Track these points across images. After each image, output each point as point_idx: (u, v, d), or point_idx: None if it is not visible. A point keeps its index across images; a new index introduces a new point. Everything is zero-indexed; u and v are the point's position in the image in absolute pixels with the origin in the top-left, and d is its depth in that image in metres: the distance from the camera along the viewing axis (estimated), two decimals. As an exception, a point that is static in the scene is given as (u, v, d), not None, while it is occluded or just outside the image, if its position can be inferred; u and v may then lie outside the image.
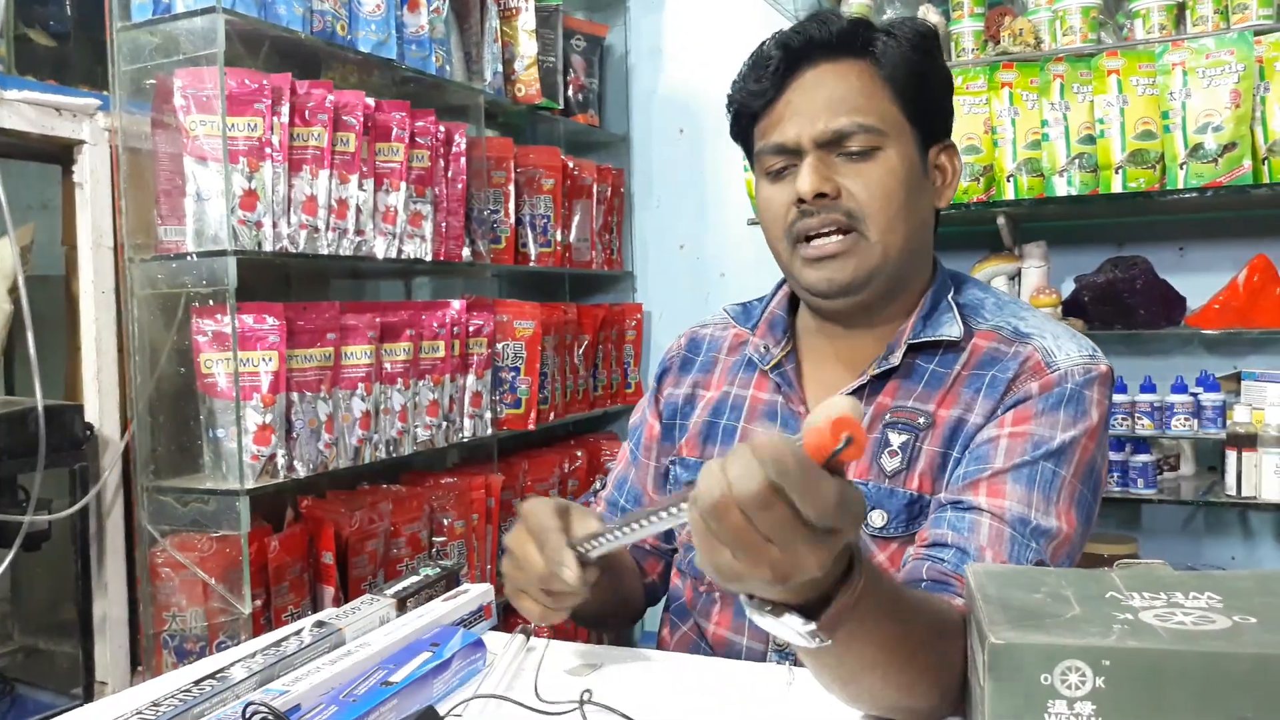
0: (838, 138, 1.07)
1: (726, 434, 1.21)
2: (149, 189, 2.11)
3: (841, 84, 1.09)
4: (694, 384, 1.29)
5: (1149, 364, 2.90)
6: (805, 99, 1.09)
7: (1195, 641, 0.67)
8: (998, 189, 2.75)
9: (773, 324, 1.23)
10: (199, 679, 0.92)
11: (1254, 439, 2.48)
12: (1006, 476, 1.02)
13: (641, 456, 1.34)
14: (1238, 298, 2.66)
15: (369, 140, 2.31)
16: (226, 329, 2.02)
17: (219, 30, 2.00)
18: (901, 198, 1.09)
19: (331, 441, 2.19)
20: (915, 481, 1.08)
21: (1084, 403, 1.06)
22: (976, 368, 1.10)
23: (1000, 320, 1.14)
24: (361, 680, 0.91)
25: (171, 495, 2.07)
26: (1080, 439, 1.04)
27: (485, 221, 2.79)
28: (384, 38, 2.39)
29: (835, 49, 1.10)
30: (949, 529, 1.00)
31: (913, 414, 1.10)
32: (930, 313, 1.14)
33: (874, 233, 1.08)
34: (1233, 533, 2.90)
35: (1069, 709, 0.68)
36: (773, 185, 1.13)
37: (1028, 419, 1.05)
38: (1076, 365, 1.07)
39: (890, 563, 1.08)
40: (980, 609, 0.74)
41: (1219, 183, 2.47)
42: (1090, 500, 1.06)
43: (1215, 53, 2.45)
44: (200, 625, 1.99)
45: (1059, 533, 1.00)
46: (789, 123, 1.09)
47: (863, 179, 1.08)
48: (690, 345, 1.34)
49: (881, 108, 1.09)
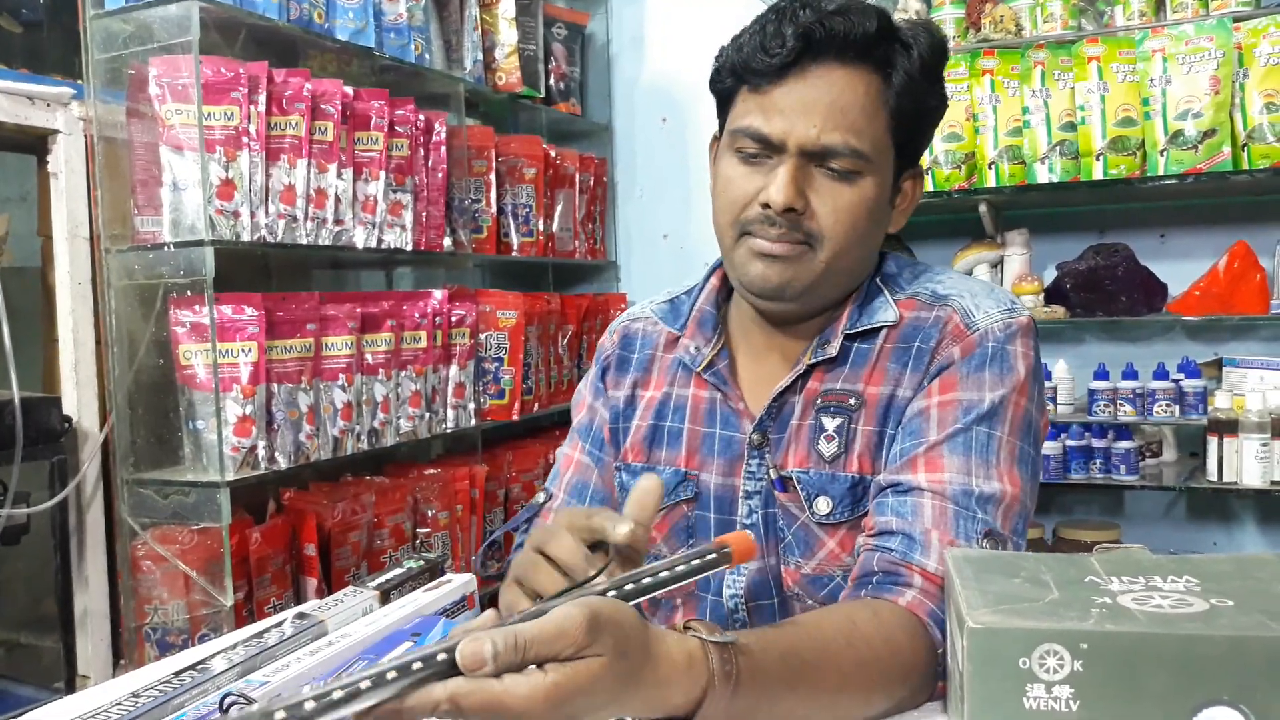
0: (825, 153, 1.03)
1: (672, 436, 1.18)
2: (125, 179, 2.09)
3: (846, 94, 1.02)
4: (633, 384, 1.23)
5: (1131, 350, 2.92)
6: (805, 98, 1.03)
7: (1172, 624, 0.68)
8: (979, 176, 2.75)
9: (701, 322, 1.19)
10: (179, 670, 0.92)
11: (1235, 425, 2.49)
12: (942, 448, 1.01)
13: (605, 457, 1.25)
14: (1218, 284, 2.68)
15: (347, 129, 2.30)
16: (205, 320, 2.00)
17: (193, 18, 1.98)
18: (863, 228, 1.06)
19: (313, 433, 2.18)
20: (855, 464, 1.07)
21: (1008, 358, 1.04)
22: (900, 340, 1.09)
23: (918, 287, 1.12)
24: (342, 670, 0.90)
25: (152, 488, 2.06)
26: (1010, 395, 1.03)
27: (466, 211, 2.78)
28: (362, 25, 2.38)
29: (853, 53, 1.03)
30: (893, 515, 0.99)
31: (843, 395, 1.08)
32: (865, 301, 1.12)
33: (824, 254, 1.05)
34: (1215, 518, 2.92)
35: (1047, 692, 0.68)
36: (740, 166, 1.07)
37: (954, 385, 1.04)
38: (996, 323, 1.06)
39: (841, 548, 1.07)
40: (959, 593, 0.74)
41: (1199, 169, 2.48)
42: (1032, 454, 1.05)
43: (1195, 39, 2.46)
44: (182, 618, 1.99)
45: (1004, 495, 0.99)
46: (781, 116, 1.03)
47: (833, 203, 1.04)
48: (624, 343, 1.27)
49: (875, 134, 1.04)
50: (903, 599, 0.93)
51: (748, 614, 1.12)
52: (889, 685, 0.88)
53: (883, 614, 0.91)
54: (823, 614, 0.91)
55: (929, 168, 2.78)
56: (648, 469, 1.18)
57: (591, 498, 1.22)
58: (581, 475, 1.24)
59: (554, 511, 1.21)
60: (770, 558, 1.10)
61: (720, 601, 1.13)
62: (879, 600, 0.94)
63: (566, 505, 1.21)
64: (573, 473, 1.25)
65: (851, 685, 0.85)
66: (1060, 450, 2.73)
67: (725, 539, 0.78)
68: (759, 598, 1.11)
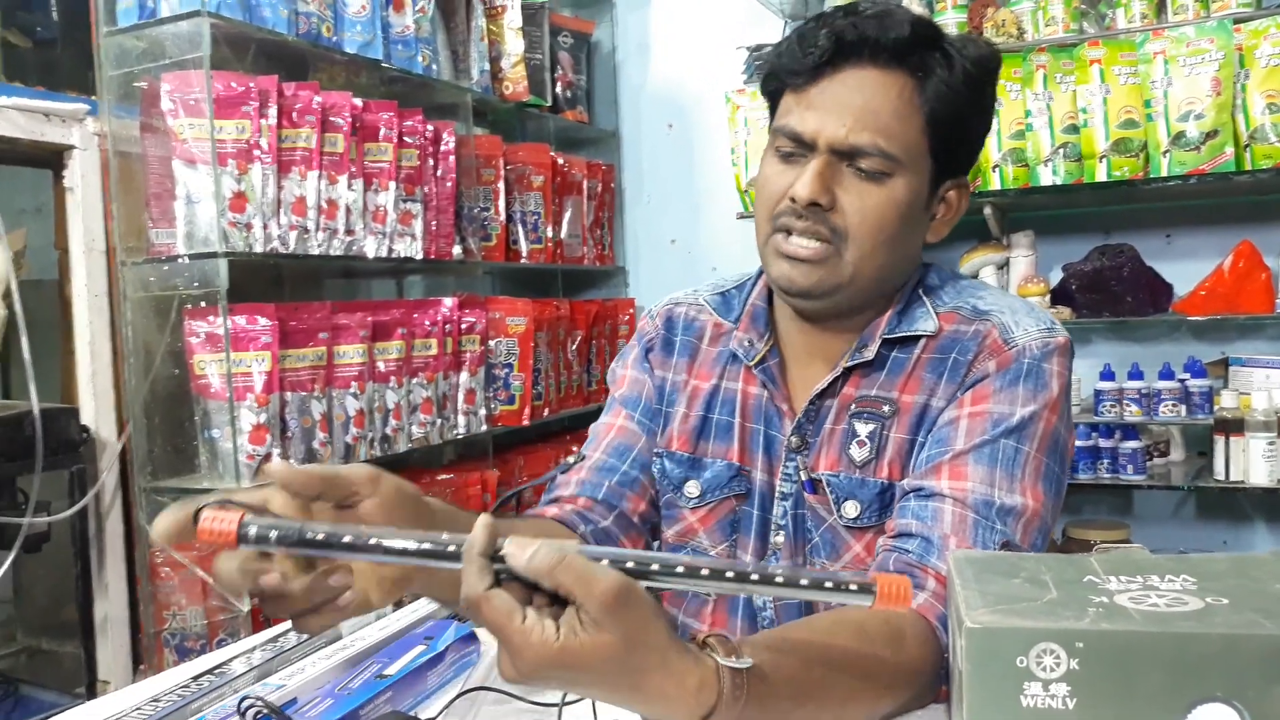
0: (853, 152, 1.04)
1: (721, 429, 1.18)
2: (139, 192, 2.12)
3: (878, 96, 1.04)
4: (678, 370, 1.23)
5: (1137, 351, 2.92)
6: (837, 97, 1.04)
7: (1167, 623, 0.69)
8: (984, 179, 2.76)
9: (754, 317, 1.20)
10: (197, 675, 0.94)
11: (1241, 424, 2.50)
12: (968, 458, 1.02)
13: (654, 427, 1.22)
14: (1224, 284, 2.68)
15: (357, 140, 2.32)
16: (219, 330, 2.03)
17: (204, 34, 2.01)
18: (892, 230, 1.06)
19: (326, 440, 2.21)
20: (885, 470, 1.08)
21: (1043, 376, 1.05)
22: (938, 351, 1.10)
23: (959, 301, 1.13)
24: (357, 674, 0.92)
25: (169, 495, 2.08)
26: (1041, 412, 1.04)
27: (475, 219, 2.81)
28: (370, 38, 2.40)
29: (886, 55, 1.04)
30: (913, 518, 1.01)
31: (877, 402, 1.09)
32: (905, 307, 1.13)
33: (850, 254, 1.06)
34: (1223, 517, 2.92)
35: (1044, 690, 0.69)
36: (778, 164, 1.09)
37: (986, 397, 1.05)
38: (1034, 340, 1.07)
39: (866, 552, 1.08)
40: (959, 594, 0.76)
41: (1202, 170, 2.49)
42: (1057, 472, 1.06)
43: (1195, 41, 2.47)
44: (200, 623, 2.01)
45: (1025, 509, 1.00)
46: (813, 115, 1.05)
47: (861, 201, 1.05)
48: (668, 325, 1.27)
49: (908, 136, 1.05)
50: (915, 602, 0.94)
51: (775, 612, 1.14)
52: (894, 690, 0.89)
53: (893, 619, 0.92)
54: (836, 623, 0.92)
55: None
56: (694, 459, 1.18)
57: (634, 462, 1.20)
58: (626, 439, 1.22)
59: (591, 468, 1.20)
60: (798, 558, 1.12)
61: (750, 597, 1.14)
62: None
63: (606, 465, 1.20)
64: (615, 435, 1.23)
65: (858, 696, 0.86)
66: (1068, 451, 2.73)
67: (879, 579, 0.70)
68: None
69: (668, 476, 1.20)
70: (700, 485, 1.17)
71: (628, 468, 1.20)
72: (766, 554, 1.14)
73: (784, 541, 1.13)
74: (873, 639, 0.89)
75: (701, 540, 1.18)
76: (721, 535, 1.17)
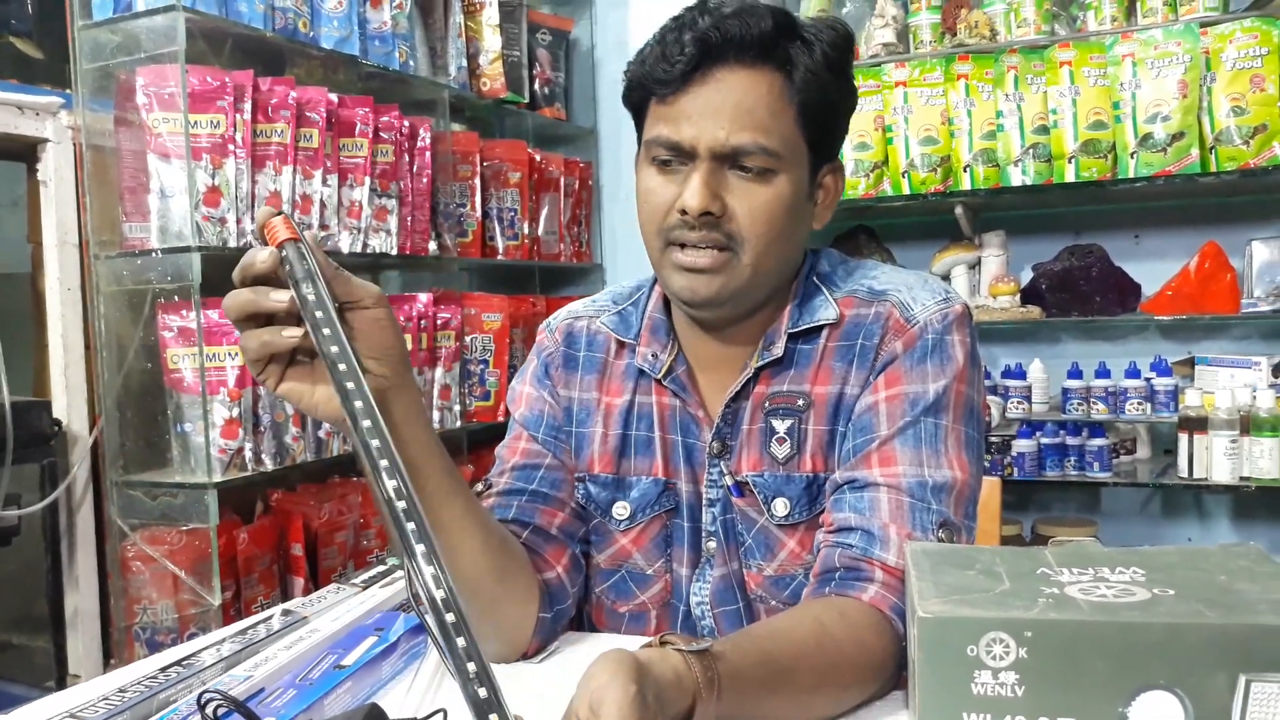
0: (736, 154, 1.04)
1: (641, 445, 1.16)
2: (113, 186, 2.12)
3: (750, 95, 1.03)
4: (586, 387, 1.20)
5: (1106, 349, 2.96)
6: (710, 102, 1.03)
7: (1113, 613, 0.70)
8: (955, 179, 2.79)
9: (655, 329, 1.18)
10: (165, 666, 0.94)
11: (1204, 422, 2.53)
12: (894, 442, 1.04)
13: (562, 445, 1.19)
14: (1190, 284, 2.72)
15: (332, 136, 2.33)
16: (192, 324, 2.03)
17: (179, 28, 2.01)
18: (782, 226, 1.06)
19: (299, 434, 2.21)
20: (808, 463, 1.09)
21: (947, 348, 1.07)
22: (843, 338, 1.11)
23: (854, 284, 1.14)
24: (315, 664, 0.93)
25: (140, 489, 2.09)
26: (952, 384, 1.06)
27: (452, 215, 2.81)
28: (346, 34, 2.41)
29: (752, 54, 1.04)
30: (851, 511, 1.02)
31: (790, 397, 1.10)
32: (803, 299, 1.13)
33: (747, 256, 1.05)
34: (1189, 514, 2.96)
35: (994, 678, 0.70)
36: (658, 176, 1.08)
37: (899, 379, 1.06)
38: (933, 314, 1.08)
39: (800, 546, 1.09)
40: (914, 585, 0.77)
41: (1168, 171, 2.52)
42: (976, 437, 1.08)
43: (1163, 44, 2.51)
44: (171, 617, 2.01)
45: (955, 482, 1.03)
46: (689, 123, 1.04)
47: (750, 202, 1.04)
48: (568, 340, 1.23)
49: (785, 130, 1.05)
50: (866, 595, 0.96)
51: (714, 620, 1.13)
52: (861, 682, 0.92)
53: (849, 614, 0.94)
54: (792, 618, 0.94)
55: (905, 170, 2.82)
56: (618, 480, 1.16)
57: (541, 480, 1.17)
58: (530, 459, 1.19)
59: (497, 494, 1.17)
60: (732, 563, 1.12)
61: (689, 609, 1.15)
62: (844, 598, 0.97)
63: (512, 488, 1.16)
64: (519, 458, 1.19)
65: (825, 685, 0.88)
66: (1035, 448, 2.77)
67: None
68: (724, 604, 1.12)
69: (593, 500, 1.17)
70: (629, 505, 1.15)
71: (536, 486, 1.17)
72: (700, 563, 1.13)
73: (716, 548, 1.13)
74: (831, 631, 0.91)
75: (637, 561, 1.16)
76: (657, 553, 1.16)
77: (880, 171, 2.86)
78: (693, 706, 0.77)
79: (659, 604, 1.17)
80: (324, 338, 0.79)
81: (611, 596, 1.19)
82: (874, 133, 2.86)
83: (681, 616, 1.15)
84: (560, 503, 1.16)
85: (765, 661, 0.84)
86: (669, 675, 0.76)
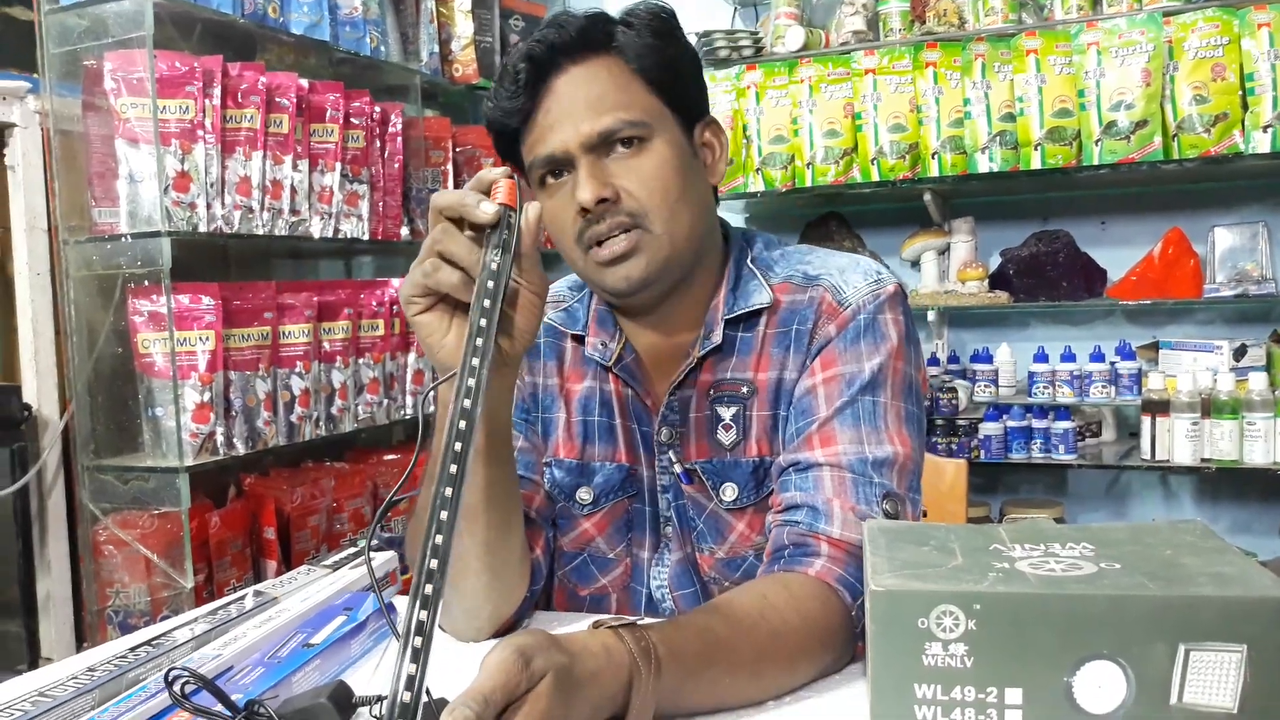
0: (605, 139, 1.06)
1: (603, 431, 1.19)
2: (81, 171, 2.11)
3: (595, 84, 1.07)
4: (549, 373, 1.23)
5: (1073, 334, 3.00)
6: (562, 106, 1.07)
7: (1060, 586, 0.72)
8: (923, 166, 2.82)
9: (601, 320, 1.20)
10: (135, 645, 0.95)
11: (1167, 405, 2.57)
12: (834, 423, 1.06)
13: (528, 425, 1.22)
14: (1154, 270, 2.76)
15: (303, 121, 2.33)
16: (162, 309, 2.03)
17: (147, 13, 2.01)
18: (678, 186, 1.08)
19: (270, 419, 2.22)
20: (754, 448, 1.12)
21: (880, 327, 1.10)
22: (780, 325, 1.13)
23: (790, 270, 1.16)
24: (284, 642, 0.94)
25: (112, 474, 2.09)
26: (887, 362, 1.08)
27: (424, 201, 2.81)
28: (317, 19, 2.40)
29: (580, 51, 1.07)
30: (796, 490, 1.05)
31: (735, 384, 1.13)
32: (736, 284, 1.15)
33: (658, 225, 1.07)
34: (1154, 496, 3.01)
35: (944, 650, 0.72)
36: (552, 198, 1.10)
37: (834, 361, 1.09)
38: (864, 296, 1.11)
39: (750, 529, 1.12)
40: (869, 561, 0.79)
41: (1131, 159, 2.56)
42: (916, 412, 1.11)
43: (1127, 33, 2.54)
44: (144, 600, 2.02)
45: (897, 457, 1.05)
46: (553, 133, 1.06)
47: (637, 175, 1.07)
48: None
49: (639, 99, 1.07)
50: (812, 568, 0.98)
51: (674, 603, 1.16)
52: (807, 652, 0.93)
53: (793, 585, 0.96)
54: (735, 593, 0.96)
55: (874, 158, 2.84)
56: (582, 465, 1.19)
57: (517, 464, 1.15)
58: None
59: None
60: (686, 547, 1.15)
61: (650, 592, 1.17)
62: (790, 573, 0.99)
63: None
64: None
65: (769, 656, 0.89)
66: (1002, 431, 2.81)
67: None
68: (682, 587, 1.15)
69: (558, 485, 1.20)
70: (593, 490, 1.18)
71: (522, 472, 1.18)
72: (660, 547, 1.16)
73: (673, 532, 1.16)
74: (773, 603, 0.92)
75: (599, 545, 1.19)
76: (618, 537, 1.19)
77: (850, 158, 2.88)
78: (630, 680, 0.78)
79: (620, 587, 1.19)
80: (482, 308, 0.83)
81: (574, 579, 1.21)
82: (843, 120, 2.88)
83: (644, 600, 1.18)
84: (535, 485, 1.19)
85: (704, 633, 0.86)
86: (595, 648, 0.77)
